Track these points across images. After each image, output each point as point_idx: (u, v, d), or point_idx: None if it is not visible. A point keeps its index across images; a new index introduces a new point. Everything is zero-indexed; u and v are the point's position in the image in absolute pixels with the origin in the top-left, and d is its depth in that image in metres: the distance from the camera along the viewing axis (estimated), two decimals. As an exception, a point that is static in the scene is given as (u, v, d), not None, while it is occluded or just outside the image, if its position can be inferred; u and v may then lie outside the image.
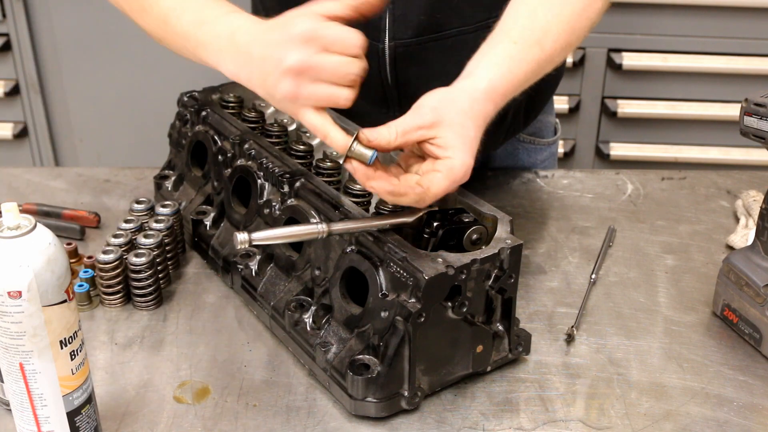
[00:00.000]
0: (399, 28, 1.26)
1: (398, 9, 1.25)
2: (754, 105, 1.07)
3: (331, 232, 0.98)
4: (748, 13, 2.43)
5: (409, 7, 1.25)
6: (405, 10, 1.26)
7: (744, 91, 1.15)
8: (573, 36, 1.11)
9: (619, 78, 2.53)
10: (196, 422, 1.00)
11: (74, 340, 0.87)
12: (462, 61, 1.32)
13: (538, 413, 1.02)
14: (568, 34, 1.10)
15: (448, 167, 0.96)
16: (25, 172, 1.53)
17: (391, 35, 1.26)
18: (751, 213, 1.37)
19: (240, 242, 0.93)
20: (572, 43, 1.12)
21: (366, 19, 0.99)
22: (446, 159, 0.96)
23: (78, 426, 0.90)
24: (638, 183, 1.50)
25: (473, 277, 0.98)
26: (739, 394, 1.05)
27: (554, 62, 1.10)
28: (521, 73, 1.05)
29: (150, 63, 2.53)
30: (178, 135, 1.38)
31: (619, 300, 1.21)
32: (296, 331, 1.07)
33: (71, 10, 2.50)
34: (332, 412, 1.01)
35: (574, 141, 2.61)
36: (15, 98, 2.60)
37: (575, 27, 1.11)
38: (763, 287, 1.09)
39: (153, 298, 1.18)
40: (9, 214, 0.82)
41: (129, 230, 1.23)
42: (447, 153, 0.96)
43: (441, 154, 0.96)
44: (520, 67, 1.05)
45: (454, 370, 1.03)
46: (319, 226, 0.97)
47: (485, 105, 1.01)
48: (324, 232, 0.97)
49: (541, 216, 1.41)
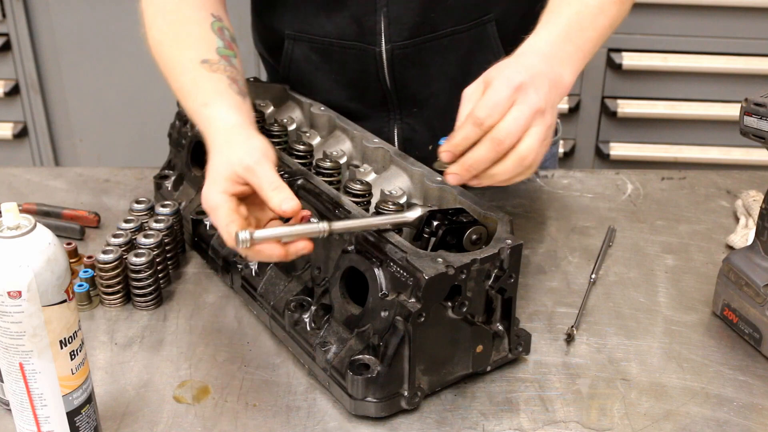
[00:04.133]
0: (394, 30, 1.26)
1: (393, 12, 1.26)
2: (754, 105, 1.07)
3: (333, 231, 0.98)
4: (748, 13, 2.43)
5: (403, 10, 1.25)
6: (399, 13, 1.26)
7: (744, 91, 1.15)
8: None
9: (619, 78, 2.53)
10: (196, 422, 1.00)
11: (74, 340, 0.87)
12: (458, 60, 1.32)
13: (538, 413, 1.02)
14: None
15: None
16: (25, 172, 1.53)
17: (387, 38, 1.27)
18: (751, 213, 1.37)
19: (242, 241, 0.92)
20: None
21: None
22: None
23: (78, 426, 0.90)
24: (638, 183, 1.50)
25: (473, 277, 0.98)
26: (739, 394, 1.05)
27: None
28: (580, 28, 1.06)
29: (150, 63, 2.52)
30: (178, 135, 1.38)
31: (619, 300, 1.21)
32: (296, 331, 1.07)
33: (71, 10, 2.50)
34: (332, 412, 1.01)
35: (574, 141, 2.61)
36: (15, 98, 2.61)
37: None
38: (763, 287, 1.09)
39: (153, 298, 1.18)
40: (9, 214, 0.82)
41: (129, 230, 1.23)
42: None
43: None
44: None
45: (454, 370, 1.03)
46: (320, 225, 0.97)
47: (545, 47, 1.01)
48: (325, 231, 0.97)
49: (541, 216, 1.41)
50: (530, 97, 0.94)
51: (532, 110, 0.94)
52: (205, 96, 1.08)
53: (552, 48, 1.02)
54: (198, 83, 1.10)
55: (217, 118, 1.05)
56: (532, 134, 0.95)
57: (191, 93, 1.10)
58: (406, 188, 1.15)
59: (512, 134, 0.94)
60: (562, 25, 1.05)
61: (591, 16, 1.07)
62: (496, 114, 0.94)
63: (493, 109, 0.94)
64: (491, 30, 1.30)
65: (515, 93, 0.94)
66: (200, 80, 1.10)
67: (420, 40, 1.28)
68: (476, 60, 1.31)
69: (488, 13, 1.29)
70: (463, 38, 1.29)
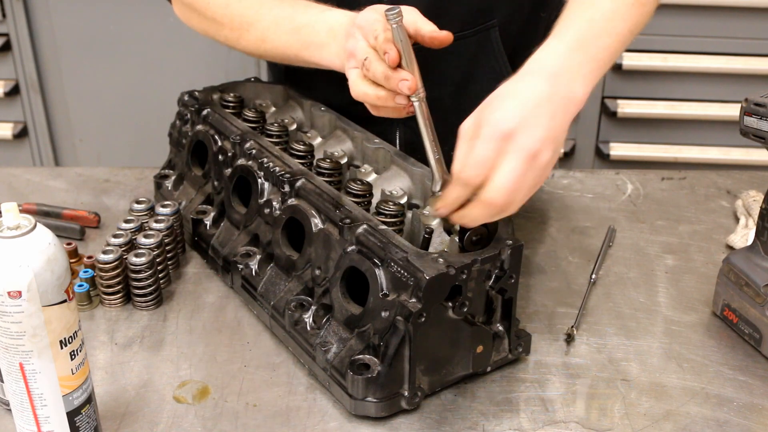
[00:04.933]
0: None
1: None
2: (754, 105, 1.07)
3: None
4: (748, 13, 2.43)
5: None
6: None
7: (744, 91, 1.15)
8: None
9: (619, 78, 2.53)
10: (196, 422, 1.00)
11: (74, 340, 0.87)
12: (461, 65, 1.32)
13: (538, 413, 1.02)
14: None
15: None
16: (25, 172, 1.53)
17: None
18: (751, 213, 1.37)
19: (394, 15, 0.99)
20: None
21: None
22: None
23: (78, 426, 0.90)
24: (638, 183, 1.51)
25: (474, 277, 0.98)
26: (739, 394, 1.05)
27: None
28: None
29: (150, 63, 2.53)
30: (178, 134, 1.38)
31: (619, 300, 1.21)
32: (296, 331, 1.07)
33: (71, 10, 2.50)
34: (332, 412, 1.01)
35: (574, 141, 2.61)
36: (15, 98, 2.61)
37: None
38: (763, 287, 1.09)
39: (153, 298, 1.18)
40: (9, 214, 0.82)
41: (129, 230, 1.23)
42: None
43: None
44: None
45: (454, 370, 1.03)
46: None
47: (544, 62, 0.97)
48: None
49: (541, 216, 1.41)
50: (521, 143, 0.89)
51: (524, 159, 0.89)
52: (318, 6, 1.18)
53: (562, 61, 0.97)
54: (299, 4, 1.19)
55: (347, 11, 1.14)
56: (524, 186, 0.91)
57: (294, 14, 1.19)
58: (406, 188, 1.15)
59: (503, 194, 0.90)
60: (573, 36, 0.99)
61: (606, 22, 1.01)
62: (483, 171, 0.90)
63: (480, 168, 0.90)
64: (494, 36, 1.30)
65: (504, 144, 0.89)
66: (300, 2, 1.20)
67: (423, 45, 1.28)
68: (479, 65, 1.31)
69: (491, 18, 1.29)
70: (467, 44, 1.29)
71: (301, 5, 1.20)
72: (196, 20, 1.31)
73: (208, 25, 1.29)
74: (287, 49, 1.20)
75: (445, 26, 1.27)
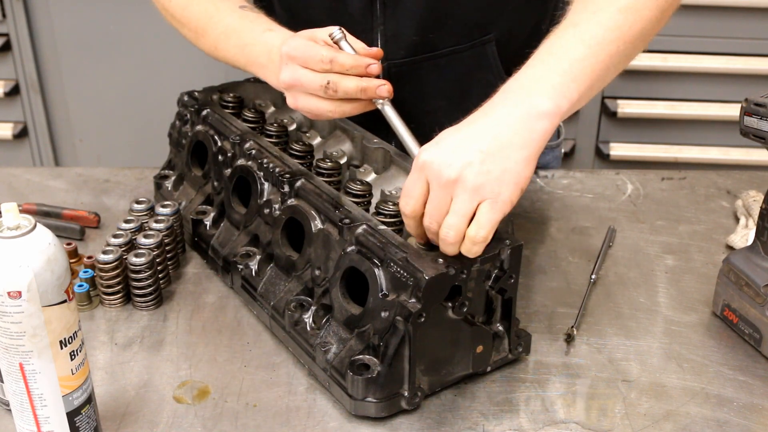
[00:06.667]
0: (391, 48, 1.26)
1: (389, 29, 1.25)
2: (754, 105, 1.07)
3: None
4: (748, 13, 2.43)
5: (400, 28, 1.25)
6: (396, 31, 1.25)
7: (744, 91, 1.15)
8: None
9: (618, 78, 2.50)
10: (196, 422, 1.00)
11: (74, 341, 0.87)
12: (456, 78, 1.31)
13: (538, 413, 1.02)
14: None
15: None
16: (25, 172, 1.53)
17: (384, 56, 1.26)
18: (751, 213, 1.37)
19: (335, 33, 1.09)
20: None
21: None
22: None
23: (78, 426, 0.90)
24: (638, 183, 1.51)
25: (473, 278, 0.98)
26: (739, 394, 1.05)
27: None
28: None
29: (150, 63, 2.53)
30: (178, 135, 1.38)
31: (619, 300, 1.21)
32: (296, 331, 1.07)
33: (71, 10, 2.50)
34: (332, 412, 1.01)
35: (574, 141, 2.61)
36: (15, 98, 2.60)
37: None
38: (763, 287, 1.09)
39: (153, 298, 1.18)
40: (9, 214, 0.82)
41: (129, 230, 1.23)
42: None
43: None
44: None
45: (454, 370, 1.03)
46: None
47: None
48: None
49: (541, 216, 1.41)
50: (468, 184, 0.91)
51: (473, 199, 0.92)
52: (263, 25, 1.19)
53: (529, 82, 0.97)
54: (248, 19, 1.21)
55: (286, 34, 1.15)
56: (481, 214, 0.92)
57: (241, 29, 1.20)
58: (406, 188, 1.14)
59: (455, 231, 0.92)
60: (550, 60, 1.00)
61: (599, 40, 1.08)
62: (439, 217, 0.93)
63: (434, 216, 0.94)
64: (491, 50, 1.30)
65: (451, 189, 0.92)
66: (249, 16, 1.22)
67: (418, 59, 1.27)
68: (474, 79, 1.31)
69: (488, 33, 1.29)
70: (462, 58, 1.29)
71: (248, 19, 1.21)
72: (165, 17, 1.35)
73: (173, 23, 1.33)
74: (236, 61, 1.22)
75: (440, 40, 1.28)
